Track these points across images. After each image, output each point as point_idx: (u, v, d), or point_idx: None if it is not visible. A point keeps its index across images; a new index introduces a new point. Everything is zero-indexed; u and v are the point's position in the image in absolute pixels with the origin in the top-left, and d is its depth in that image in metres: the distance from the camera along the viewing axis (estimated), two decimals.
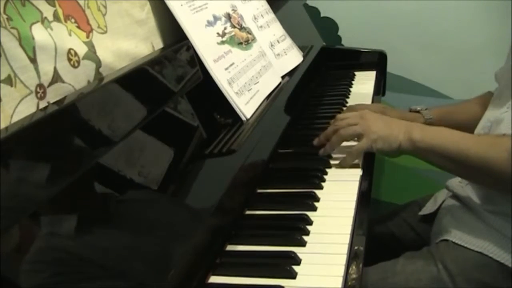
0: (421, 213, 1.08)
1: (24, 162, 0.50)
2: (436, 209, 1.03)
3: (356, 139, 0.96)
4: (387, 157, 0.97)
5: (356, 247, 0.72)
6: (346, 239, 0.73)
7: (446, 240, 0.93)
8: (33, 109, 0.60)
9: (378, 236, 1.14)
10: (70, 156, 0.56)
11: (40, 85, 0.61)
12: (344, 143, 0.97)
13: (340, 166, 0.94)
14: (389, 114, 1.07)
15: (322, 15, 1.72)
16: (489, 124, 0.94)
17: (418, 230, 1.08)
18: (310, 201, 0.83)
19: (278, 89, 1.08)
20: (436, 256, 0.91)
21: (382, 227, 1.15)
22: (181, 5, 0.90)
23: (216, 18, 0.98)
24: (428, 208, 1.07)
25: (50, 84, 0.63)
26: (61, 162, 0.54)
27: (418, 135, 0.89)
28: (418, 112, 1.13)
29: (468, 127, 1.01)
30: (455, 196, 0.98)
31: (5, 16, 0.58)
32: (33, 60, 0.61)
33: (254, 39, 1.08)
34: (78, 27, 0.70)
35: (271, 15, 1.25)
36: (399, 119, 0.99)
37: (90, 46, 0.72)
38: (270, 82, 1.07)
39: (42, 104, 0.61)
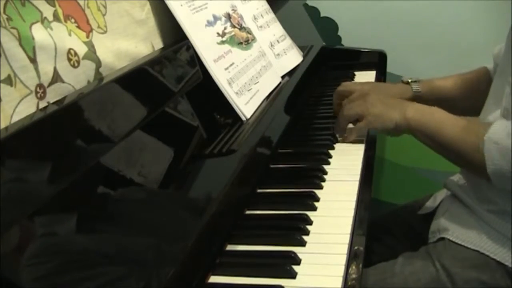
0: (420, 212, 1.08)
1: (24, 162, 0.50)
2: (435, 208, 1.03)
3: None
4: (389, 136, 1.02)
5: (356, 247, 0.72)
6: (346, 239, 0.73)
7: (443, 239, 0.93)
8: (33, 109, 0.60)
9: (379, 236, 1.14)
10: (70, 156, 0.56)
11: (40, 85, 0.61)
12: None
13: (343, 141, 1.04)
14: (380, 88, 1.17)
15: (322, 15, 1.71)
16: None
17: (418, 230, 1.08)
18: (310, 201, 0.83)
19: (278, 89, 1.08)
20: (434, 255, 0.91)
21: (383, 227, 1.15)
22: (181, 5, 0.90)
23: (216, 18, 0.98)
24: (427, 208, 1.07)
25: (50, 84, 0.63)
26: (61, 162, 0.54)
27: (411, 113, 0.94)
28: (408, 83, 1.17)
29: (456, 101, 1.10)
30: (453, 195, 0.99)
31: (5, 16, 0.58)
32: (33, 60, 0.61)
33: (254, 39, 1.08)
34: (78, 27, 0.70)
35: (271, 15, 1.25)
36: (388, 91, 1.11)
37: (90, 46, 0.72)
38: (270, 82, 1.07)
39: (42, 104, 0.61)
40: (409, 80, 1.17)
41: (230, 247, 0.73)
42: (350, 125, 1.04)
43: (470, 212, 0.93)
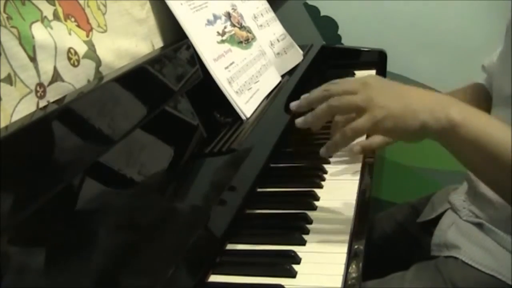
0: (419, 220, 1.03)
1: (24, 161, 0.50)
2: (436, 216, 0.98)
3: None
4: (404, 142, 0.69)
5: (356, 246, 0.72)
6: (346, 238, 0.73)
7: (455, 258, 0.87)
8: (33, 108, 0.60)
9: (374, 240, 1.10)
10: (70, 155, 0.56)
11: (40, 84, 0.61)
12: None
13: (329, 149, 0.72)
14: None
15: (322, 14, 1.71)
16: None
17: (416, 236, 1.04)
18: (310, 200, 0.83)
19: (278, 88, 1.08)
20: (445, 274, 0.85)
21: (378, 231, 1.11)
22: (181, 4, 0.90)
23: (216, 17, 0.98)
24: (426, 214, 1.02)
25: (50, 83, 0.63)
26: (61, 161, 0.54)
27: (458, 115, 0.63)
28: None
29: None
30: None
31: (5, 15, 0.58)
32: (33, 59, 0.61)
33: (254, 38, 1.08)
34: (78, 26, 0.70)
35: (271, 14, 1.25)
36: None
37: (90, 45, 0.72)
38: (270, 81, 1.07)
39: (42, 103, 0.61)
40: None
41: (230, 246, 0.73)
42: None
43: (483, 232, 0.86)
